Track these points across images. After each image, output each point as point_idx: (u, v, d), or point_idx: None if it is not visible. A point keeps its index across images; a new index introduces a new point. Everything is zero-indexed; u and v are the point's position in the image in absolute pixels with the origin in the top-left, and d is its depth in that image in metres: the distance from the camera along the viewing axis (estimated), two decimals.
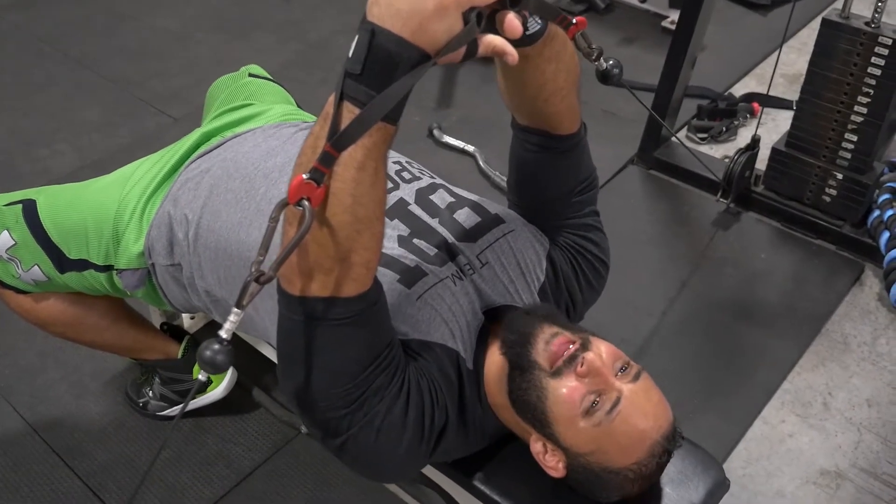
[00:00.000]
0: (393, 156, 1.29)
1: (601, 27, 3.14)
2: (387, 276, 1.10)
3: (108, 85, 2.83)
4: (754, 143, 2.19)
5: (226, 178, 1.27)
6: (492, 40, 0.85)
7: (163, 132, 2.58)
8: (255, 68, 1.72)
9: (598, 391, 1.01)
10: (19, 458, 1.69)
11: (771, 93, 2.45)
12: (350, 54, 0.81)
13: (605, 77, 1.15)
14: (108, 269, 1.36)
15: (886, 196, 2.16)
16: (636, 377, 1.03)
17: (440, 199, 1.24)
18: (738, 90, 2.78)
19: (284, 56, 2.97)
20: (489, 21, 0.85)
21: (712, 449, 1.61)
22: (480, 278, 1.16)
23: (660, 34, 3.07)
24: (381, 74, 0.81)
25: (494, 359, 1.10)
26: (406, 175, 1.27)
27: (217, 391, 1.68)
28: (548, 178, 1.23)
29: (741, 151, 2.19)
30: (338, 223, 0.87)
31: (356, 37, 0.81)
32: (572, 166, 1.22)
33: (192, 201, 1.28)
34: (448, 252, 1.16)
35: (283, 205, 0.84)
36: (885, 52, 1.89)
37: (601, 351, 1.03)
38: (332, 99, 0.84)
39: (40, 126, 2.63)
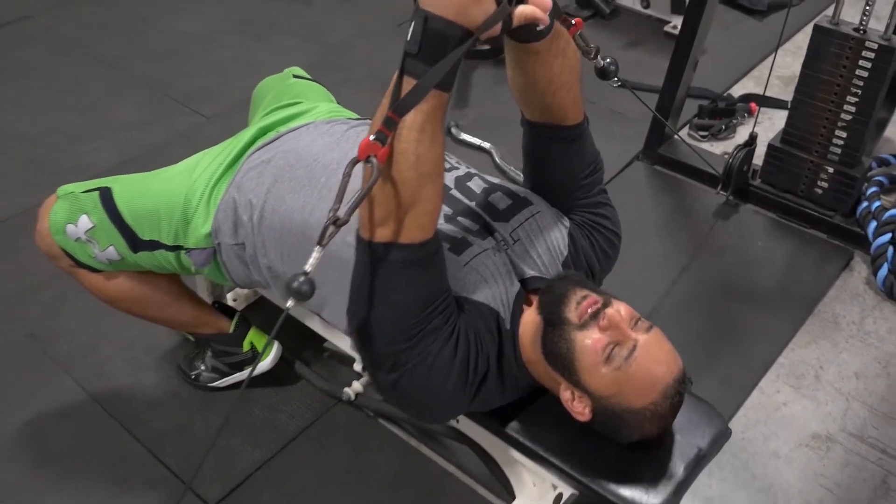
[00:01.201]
0: None
1: (606, 32, 3.31)
2: None
3: (138, 84, 2.99)
4: (752, 139, 2.36)
5: (288, 169, 1.43)
6: (523, 10, 1.06)
7: (197, 130, 2.74)
8: (298, 70, 1.88)
9: (616, 341, 1.18)
10: (83, 425, 1.84)
11: (767, 93, 2.62)
12: (408, 38, 1.02)
13: (602, 74, 1.33)
14: (176, 248, 1.52)
15: (874, 189, 2.33)
16: (649, 330, 1.20)
17: (476, 185, 1.41)
18: (737, 91, 2.95)
19: (305, 58, 3.12)
20: (517, 2, 1.06)
21: None
22: (514, 253, 1.32)
23: (662, 38, 3.24)
24: (435, 51, 1.01)
25: (529, 320, 1.27)
26: (446, 165, 1.43)
27: (265, 363, 1.83)
28: (560, 165, 1.41)
29: (740, 147, 2.36)
30: (405, 178, 1.05)
31: (412, 23, 1.02)
32: (579, 153, 1.39)
33: (257, 188, 1.44)
34: (486, 230, 1.33)
35: (354, 161, 1.02)
36: (872, 55, 2.06)
37: (620, 308, 1.20)
38: (395, 77, 1.03)
39: (78, 123, 2.78)
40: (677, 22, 3.07)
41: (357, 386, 1.79)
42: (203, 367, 1.88)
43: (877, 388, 1.94)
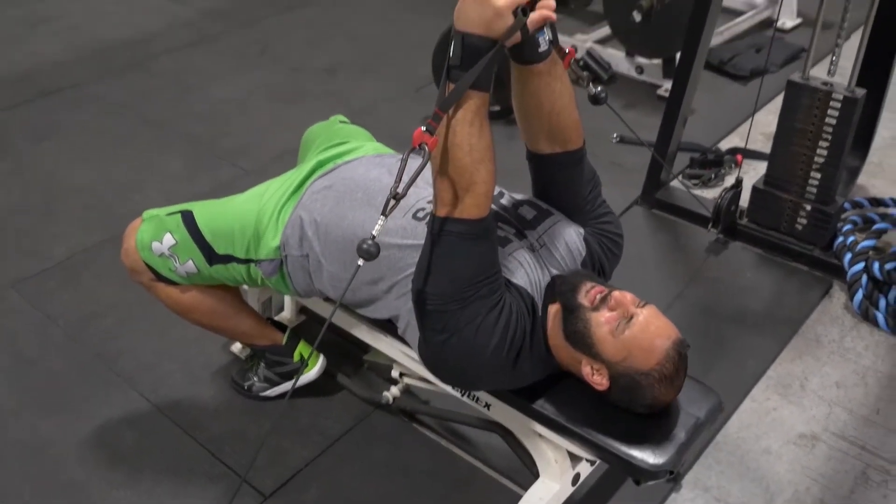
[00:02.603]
0: None
1: None
2: None
3: (183, 142, 3.30)
4: (738, 183, 2.65)
5: (349, 192, 1.70)
6: (535, 16, 1.37)
7: (237, 181, 3.02)
8: (342, 117, 2.18)
9: (623, 316, 1.43)
10: (148, 430, 2.07)
11: (752, 147, 2.93)
12: (450, 54, 1.31)
13: (595, 100, 1.59)
14: (247, 262, 1.78)
15: (849, 226, 2.61)
16: (647, 306, 1.46)
17: (507, 200, 1.68)
18: (724, 146, 3.26)
19: None
20: (531, 8, 1.35)
21: None
22: (541, 256, 1.59)
23: (655, 100, 3.56)
24: (472, 60, 1.29)
25: (552, 310, 1.52)
26: None
27: (311, 373, 2.07)
28: (567, 188, 1.66)
29: (727, 190, 2.64)
30: (461, 164, 1.33)
31: (453, 42, 1.30)
32: (582, 174, 1.65)
33: (321, 208, 1.71)
34: (520, 234, 1.60)
35: (409, 149, 1.29)
36: (839, 105, 2.36)
37: (625, 294, 1.47)
38: (442, 84, 1.32)
39: (130, 175, 3.07)
40: (668, 86, 3.41)
41: (395, 391, 2.03)
42: (255, 378, 2.12)
43: (856, 395, 2.17)
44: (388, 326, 1.72)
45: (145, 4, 4.56)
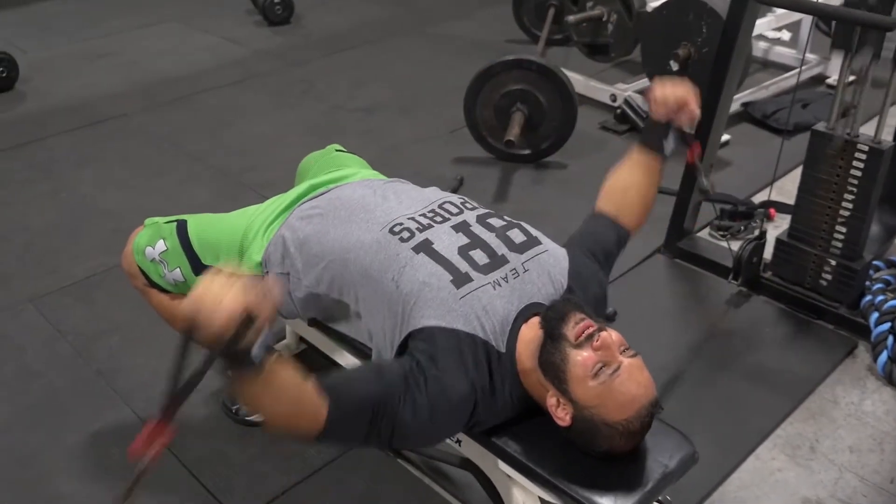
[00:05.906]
0: (461, 197, 1.76)
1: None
2: (444, 276, 1.50)
3: (215, 173, 3.38)
4: (762, 234, 2.56)
5: (333, 210, 1.70)
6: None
7: None
8: (338, 146, 2.21)
9: (605, 361, 1.37)
10: None
11: (786, 202, 2.83)
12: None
13: (702, 192, 1.85)
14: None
15: (880, 285, 2.48)
16: (633, 356, 1.40)
17: (496, 221, 1.66)
18: (760, 199, 3.15)
19: (363, 156, 3.46)
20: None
21: (711, 474, 1.94)
22: (522, 281, 1.54)
23: None
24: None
25: (530, 335, 1.46)
26: (469, 206, 1.71)
27: None
28: (598, 241, 1.73)
29: (749, 241, 2.55)
30: (279, 421, 1.37)
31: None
32: (613, 249, 1.76)
33: (305, 227, 1.71)
34: (497, 261, 1.55)
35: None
36: (864, 157, 2.27)
37: (612, 334, 1.41)
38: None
39: (159, 203, 3.14)
40: None
41: None
42: None
43: (870, 461, 2.03)
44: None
45: (201, 44, 4.73)
